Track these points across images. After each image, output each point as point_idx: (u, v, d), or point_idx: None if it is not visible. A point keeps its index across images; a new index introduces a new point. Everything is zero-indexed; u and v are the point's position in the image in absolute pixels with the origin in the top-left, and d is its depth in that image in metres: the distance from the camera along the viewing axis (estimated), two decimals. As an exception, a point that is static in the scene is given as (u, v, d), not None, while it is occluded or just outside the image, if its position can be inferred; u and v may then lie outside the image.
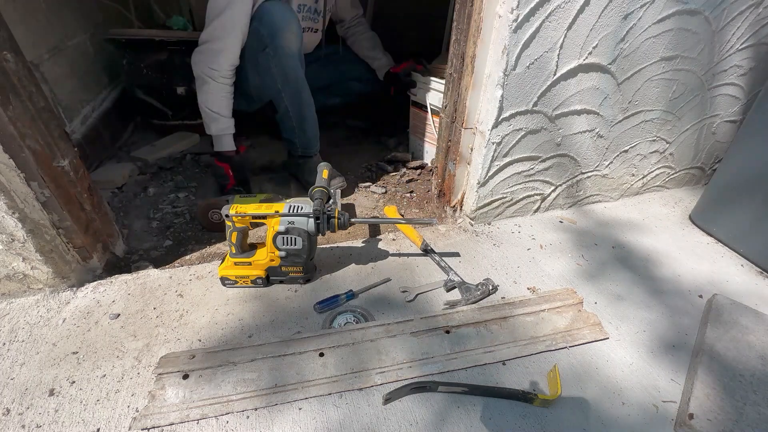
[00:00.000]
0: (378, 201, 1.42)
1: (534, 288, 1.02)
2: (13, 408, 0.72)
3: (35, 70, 1.15)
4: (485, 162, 1.10)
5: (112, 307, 0.93)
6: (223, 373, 0.78)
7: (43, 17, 1.36)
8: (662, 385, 0.81)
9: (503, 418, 0.73)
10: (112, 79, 1.80)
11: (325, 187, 1.00)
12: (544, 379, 0.80)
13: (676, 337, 0.91)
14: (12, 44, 0.79)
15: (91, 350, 0.83)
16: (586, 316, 0.93)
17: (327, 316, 0.93)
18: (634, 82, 1.10)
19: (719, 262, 1.15)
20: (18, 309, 0.92)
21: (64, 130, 0.91)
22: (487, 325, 0.90)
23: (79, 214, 0.94)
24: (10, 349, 0.83)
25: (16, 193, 0.81)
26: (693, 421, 0.72)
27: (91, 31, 1.67)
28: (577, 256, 1.14)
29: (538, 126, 1.08)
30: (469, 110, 1.10)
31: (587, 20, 0.94)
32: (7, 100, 0.76)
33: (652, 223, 1.31)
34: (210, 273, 1.04)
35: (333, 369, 0.79)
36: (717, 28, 1.09)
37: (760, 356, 0.83)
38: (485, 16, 0.95)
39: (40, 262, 0.89)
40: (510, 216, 1.28)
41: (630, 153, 1.28)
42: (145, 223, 1.25)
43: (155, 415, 0.71)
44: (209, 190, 1.44)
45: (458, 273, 1.05)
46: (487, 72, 1.00)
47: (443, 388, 0.77)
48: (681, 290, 1.04)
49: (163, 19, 2.10)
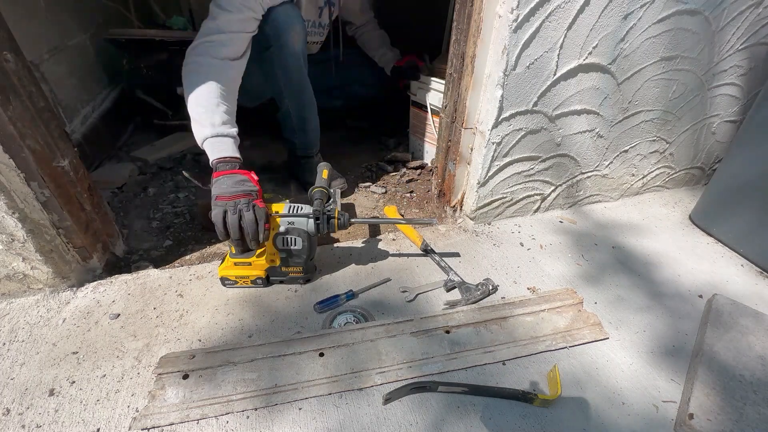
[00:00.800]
0: (378, 201, 1.42)
1: (534, 288, 1.02)
2: (13, 408, 0.72)
3: (35, 70, 1.15)
4: (485, 162, 1.10)
5: (112, 307, 0.93)
6: (223, 373, 0.78)
7: (43, 17, 1.36)
8: (662, 385, 0.81)
9: (503, 418, 0.73)
10: (112, 79, 1.80)
11: (325, 187, 0.99)
12: (544, 379, 0.80)
13: (676, 337, 0.91)
14: (12, 44, 0.78)
15: (91, 350, 0.83)
16: (586, 316, 0.93)
17: (327, 316, 0.93)
18: (634, 82, 1.10)
19: (719, 262, 1.15)
20: (18, 309, 0.92)
21: (64, 130, 0.91)
22: (487, 325, 0.90)
23: (79, 214, 0.94)
24: (10, 349, 0.83)
25: (16, 193, 0.81)
26: (693, 421, 0.72)
27: (91, 31, 1.67)
28: (577, 256, 1.14)
29: (538, 126, 1.08)
30: (469, 110, 1.10)
31: (587, 20, 0.94)
32: (7, 100, 0.76)
33: (652, 223, 1.31)
34: (210, 273, 1.04)
35: (333, 369, 0.79)
36: (717, 28, 1.09)
37: (760, 356, 0.83)
38: (485, 16, 0.95)
39: (40, 262, 0.89)
40: (510, 216, 1.28)
41: (630, 153, 1.28)
42: (145, 223, 1.25)
43: (155, 415, 0.71)
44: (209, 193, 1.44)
45: (458, 273, 1.05)
46: (487, 72, 1.00)
47: (443, 388, 0.77)
48: (681, 290, 1.04)
49: (163, 19, 2.10)
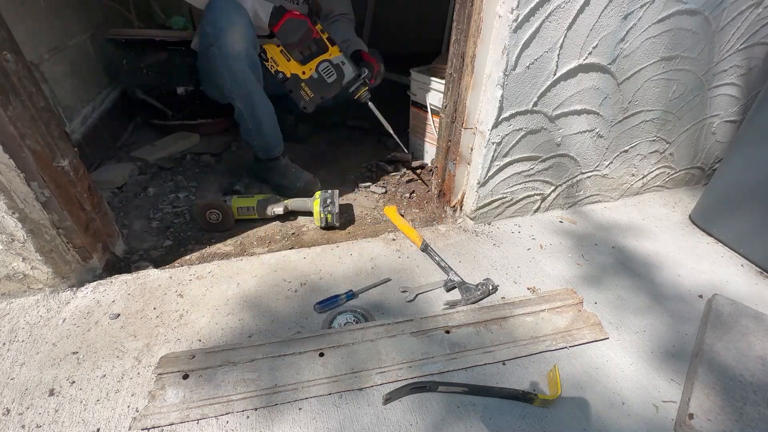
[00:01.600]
0: (378, 201, 1.42)
1: (534, 288, 1.02)
2: (13, 408, 0.72)
3: (35, 70, 1.15)
4: (485, 162, 1.10)
5: (112, 307, 0.93)
6: (223, 373, 0.78)
7: (43, 17, 1.36)
8: (662, 385, 0.81)
9: (503, 418, 0.73)
10: (112, 79, 1.80)
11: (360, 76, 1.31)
12: (544, 379, 0.80)
13: (676, 337, 0.91)
14: (12, 44, 0.78)
15: (91, 350, 0.83)
16: (586, 316, 0.93)
17: (327, 316, 0.93)
18: (634, 82, 1.10)
19: (719, 262, 1.15)
20: (18, 309, 0.92)
21: (64, 130, 0.91)
22: (487, 325, 0.90)
23: (79, 214, 0.94)
24: (10, 349, 0.83)
25: (16, 193, 0.81)
26: (693, 421, 0.72)
27: (91, 31, 1.67)
28: (577, 256, 1.14)
29: (538, 126, 1.08)
30: (469, 110, 1.10)
31: (587, 20, 0.94)
32: (7, 100, 0.76)
33: (652, 223, 1.31)
34: (210, 273, 1.04)
35: (333, 369, 0.79)
36: (717, 28, 1.09)
37: (760, 356, 0.83)
38: (485, 16, 0.95)
39: (40, 262, 0.90)
40: (510, 216, 1.28)
41: (630, 153, 1.28)
42: (145, 223, 1.25)
43: (155, 415, 0.71)
44: (211, 188, 1.44)
45: (458, 273, 1.05)
46: (487, 72, 1.00)
47: (443, 388, 0.77)
48: (681, 290, 1.04)
49: (163, 19, 2.10)
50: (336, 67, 1.25)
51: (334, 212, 1.20)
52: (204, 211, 1.17)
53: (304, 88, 1.27)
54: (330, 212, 1.20)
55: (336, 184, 1.46)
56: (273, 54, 1.24)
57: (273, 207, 1.23)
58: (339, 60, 1.25)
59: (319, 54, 1.25)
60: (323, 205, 1.20)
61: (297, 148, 1.73)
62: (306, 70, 1.25)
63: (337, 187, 1.45)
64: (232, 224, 1.22)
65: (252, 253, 1.14)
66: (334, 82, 1.27)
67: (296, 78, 1.26)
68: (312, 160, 1.66)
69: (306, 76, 1.26)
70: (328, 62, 1.24)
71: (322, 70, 1.25)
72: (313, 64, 1.25)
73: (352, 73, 1.27)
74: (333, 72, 1.26)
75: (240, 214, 1.23)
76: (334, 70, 1.25)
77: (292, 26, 1.17)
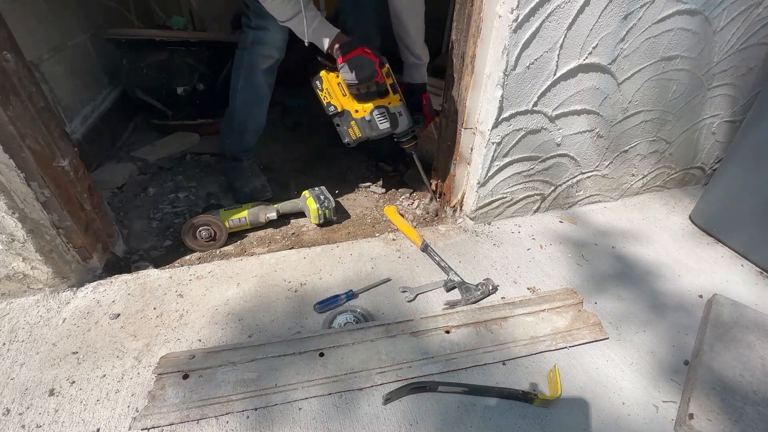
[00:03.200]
0: (378, 201, 1.42)
1: (534, 288, 1.02)
2: (13, 408, 0.72)
3: (35, 70, 1.15)
4: (485, 162, 1.10)
5: (112, 307, 0.93)
6: (223, 373, 0.78)
7: (43, 17, 1.36)
8: (662, 385, 0.81)
9: (503, 418, 0.73)
10: (112, 79, 1.80)
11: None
12: (544, 379, 0.80)
13: (676, 336, 0.91)
14: (12, 44, 0.79)
15: (91, 350, 0.83)
16: (586, 316, 0.93)
17: (327, 316, 0.93)
18: (634, 82, 1.10)
19: (719, 262, 1.15)
20: (18, 309, 0.92)
21: (64, 130, 0.91)
22: (487, 325, 0.90)
23: (79, 214, 0.94)
24: (10, 349, 0.83)
25: (16, 193, 0.81)
26: (693, 421, 0.72)
27: (92, 31, 1.67)
28: (577, 256, 1.14)
29: (538, 126, 1.08)
30: (469, 110, 1.10)
31: (587, 20, 0.94)
32: (7, 100, 0.76)
33: (652, 223, 1.31)
34: (210, 273, 1.04)
35: (333, 369, 0.79)
36: (717, 28, 1.09)
37: (760, 356, 0.83)
38: (485, 16, 0.95)
39: (40, 262, 0.89)
40: (510, 216, 1.28)
41: (630, 153, 1.28)
42: (145, 223, 1.25)
43: (155, 415, 0.71)
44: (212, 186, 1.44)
45: (458, 273, 1.05)
46: (487, 72, 1.00)
47: (443, 388, 0.77)
48: (681, 290, 1.04)
49: (163, 19, 2.09)
50: (392, 116, 1.16)
51: (331, 207, 1.21)
52: (194, 230, 1.12)
53: (353, 127, 1.19)
54: (327, 207, 1.20)
55: (336, 184, 1.46)
56: (329, 85, 1.14)
57: (266, 213, 1.21)
58: (397, 110, 1.16)
59: (377, 97, 1.15)
60: (318, 201, 1.20)
61: (297, 148, 1.73)
62: (360, 110, 1.16)
63: (338, 186, 1.46)
64: (225, 239, 1.17)
65: (252, 253, 1.14)
66: (386, 129, 1.18)
67: (348, 115, 1.18)
68: (312, 159, 1.66)
69: (358, 116, 1.17)
70: (385, 108, 1.15)
71: (376, 114, 1.16)
72: (368, 107, 1.15)
73: (407, 126, 1.18)
74: (387, 120, 1.17)
75: (232, 227, 1.18)
76: (388, 117, 1.16)
77: (359, 63, 1.05)
